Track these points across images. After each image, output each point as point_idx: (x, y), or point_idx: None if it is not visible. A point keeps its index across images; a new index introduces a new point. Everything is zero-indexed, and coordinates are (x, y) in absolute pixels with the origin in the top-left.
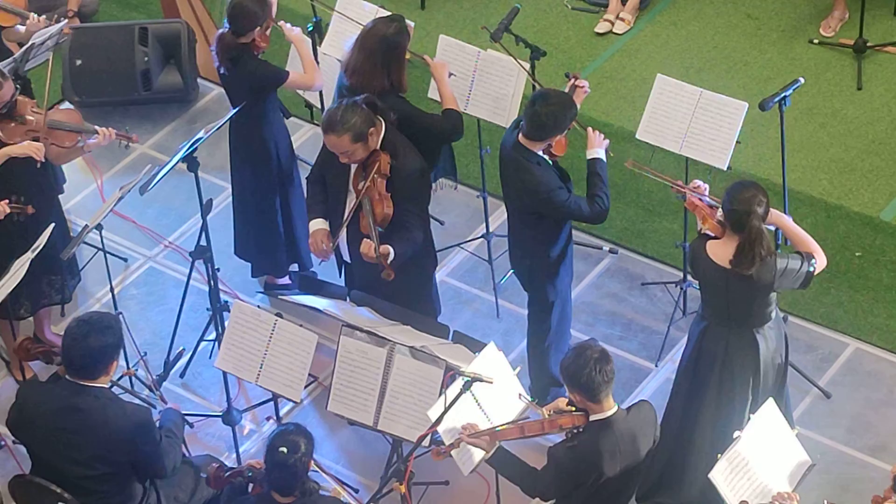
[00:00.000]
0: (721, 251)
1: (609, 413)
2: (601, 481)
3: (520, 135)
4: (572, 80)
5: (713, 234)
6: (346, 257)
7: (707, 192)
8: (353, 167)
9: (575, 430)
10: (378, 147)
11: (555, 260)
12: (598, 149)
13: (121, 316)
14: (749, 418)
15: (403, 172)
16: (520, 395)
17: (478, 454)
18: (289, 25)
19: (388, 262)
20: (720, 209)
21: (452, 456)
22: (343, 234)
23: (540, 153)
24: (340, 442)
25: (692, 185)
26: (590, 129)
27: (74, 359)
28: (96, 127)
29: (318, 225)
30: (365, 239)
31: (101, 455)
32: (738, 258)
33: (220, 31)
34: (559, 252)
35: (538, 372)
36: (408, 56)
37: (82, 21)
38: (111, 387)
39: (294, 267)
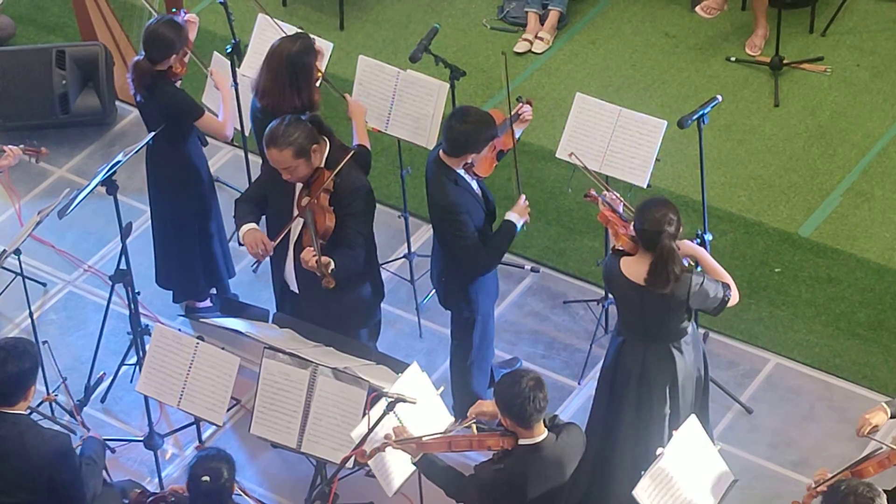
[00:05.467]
0: (635, 269)
1: (539, 439)
2: (525, 502)
3: (440, 150)
4: (520, 106)
5: (627, 251)
6: (294, 287)
7: (621, 206)
8: (298, 188)
9: (502, 452)
10: (322, 165)
11: (467, 281)
12: (516, 214)
13: (46, 345)
14: (669, 434)
15: (346, 189)
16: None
17: (402, 474)
18: (221, 74)
19: (329, 270)
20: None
21: (376, 475)
22: (291, 264)
23: (460, 171)
24: (264, 465)
25: (610, 196)
26: (522, 196)
27: None
28: (2, 146)
29: (249, 227)
30: (308, 247)
31: (20, 483)
32: (652, 277)
33: (136, 58)
34: (476, 277)
35: (460, 390)
36: (318, 79)
37: None
38: (30, 413)
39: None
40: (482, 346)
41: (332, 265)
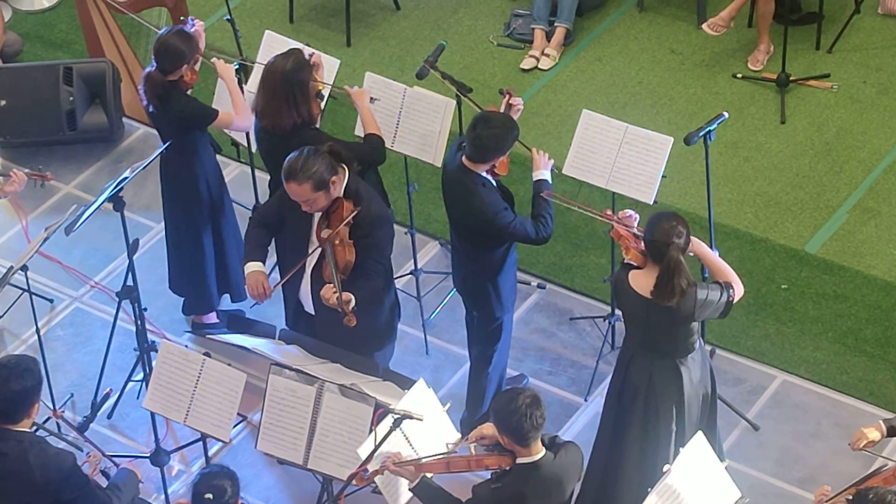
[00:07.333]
0: (643, 281)
1: (536, 457)
2: None
3: (463, 157)
4: (507, 98)
5: (636, 264)
6: (310, 309)
7: (636, 223)
8: (317, 216)
9: (500, 471)
10: (341, 195)
11: (499, 279)
12: (543, 170)
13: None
14: (675, 451)
15: (367, 220)
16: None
17: (408, 492)
18: (222, 63)
19: (350, 308)
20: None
21: (382, 493)
22: (307, 286)
23: (484, 174)
24: (270, 481)
25: (622, 215)
26: (534, 149)
27: None
28: (9, 171)
29: (255, 267)
30: (327, 284)
31: (25, 501)
32: (658, 290)
33: (148, 69)
34: (503, 271)
35: (475, 400)
36: (321, 87)
37: (6, 61)
38: (36, 430)
39: (227, 298)
40: (503, 350)
41: (353, 302)
